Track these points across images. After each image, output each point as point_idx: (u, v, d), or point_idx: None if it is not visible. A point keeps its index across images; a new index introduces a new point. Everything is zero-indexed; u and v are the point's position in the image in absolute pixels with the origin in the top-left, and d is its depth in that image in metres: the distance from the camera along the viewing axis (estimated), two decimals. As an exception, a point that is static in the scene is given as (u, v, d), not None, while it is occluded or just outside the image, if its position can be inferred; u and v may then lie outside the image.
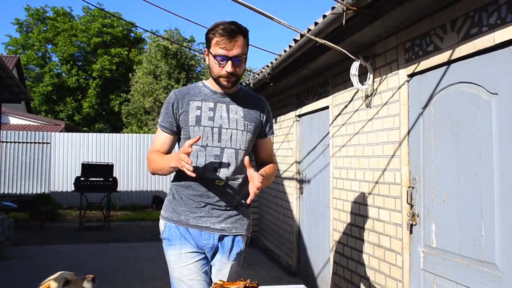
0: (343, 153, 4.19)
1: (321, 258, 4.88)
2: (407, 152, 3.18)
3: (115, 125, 28.72)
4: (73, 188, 10.23)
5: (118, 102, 27.43)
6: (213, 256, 2.23)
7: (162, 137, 2.26)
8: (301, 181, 5.58)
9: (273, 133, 2.42)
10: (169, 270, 2.23)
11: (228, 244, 2.22)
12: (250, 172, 1.98)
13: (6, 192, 13.06)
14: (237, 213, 2.25)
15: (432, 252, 2.90)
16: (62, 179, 13.42)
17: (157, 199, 13.61)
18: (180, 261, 2.16)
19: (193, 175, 1.86)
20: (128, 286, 5.31)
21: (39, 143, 13.51)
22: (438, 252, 2.84)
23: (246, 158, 2.05)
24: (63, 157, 13.54)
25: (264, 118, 2.32)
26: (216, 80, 2.15)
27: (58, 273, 1.84)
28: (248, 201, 2.00)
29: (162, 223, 2.27)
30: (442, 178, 2.82)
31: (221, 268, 2.21)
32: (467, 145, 2.59)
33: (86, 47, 28.82)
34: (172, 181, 2.30)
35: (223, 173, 2.16)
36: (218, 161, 2.16)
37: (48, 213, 10.70)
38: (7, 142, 13.29)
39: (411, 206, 3.10)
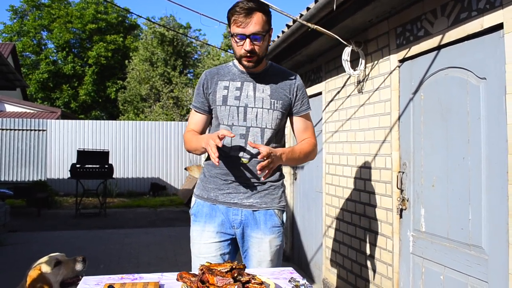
0: (336, 139, 4.21)
1: (314, 243, 4.92)
2: (397, 137, 3.19)
3: (111, 112, 28.66)
4: (69, 175, 10.25)
5: (114, 89, 27.34)
6: (244, 234, 2.21)
7: (195, 117, 2.32)
8: (295, 167, 5.60)
9: (308, 109, 2.33)
10: (190, 245, 2.28)
11: (260, 218, 2.20)
12: (260, 149, 1.97)
13: (2, 179, 13.08)
14: (266, 188, 2.23)
15: (421, 236, 2.93)
16: (58, 166, 13.44)
17: (155, 186, 13.65)
18: (201, 238, 2.21)
19: (217, 162, 1.88)
20: (123, 271, 5.31)
21: (35, 130, 13.50)
22: (427, 236, 2.86)
23: (251, 142, 2.04)
24: (59, 144, 13.54)
25: (294, 95, 2.27)
26: (239, 60, 2.16)
27: (49, 255, 1.85)
28: (262, 178, 2.00)
29: (193, 200, 2.33)
30: (432, 163, 2.84)
31: (259, 244, 2.19)
32: (456, 130, 2.61)
33: (82, 33, 28.62)
34: (205, 161, 2.34)
35: (248, 151, 2.17)
36: (243, 139, 2.17)
37: (45, 200, 10.73)
38: (3, 129, 13.28)
39: (401, 191, 3.12)
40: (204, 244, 2.20)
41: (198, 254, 2.22)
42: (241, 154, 2.17)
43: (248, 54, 2.07)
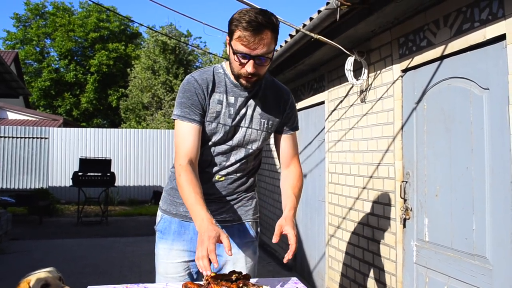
0: (338, 148, 4.21)
1: (317, 252, 4.91)
2: (400, 147, 3.20)
3: (113, 120, 28.74)
4: (71, 183, 10.26)
5: (116, 97, 27.46)
6: (216, 252, 2.02)
7: (194, 133, 1.90)
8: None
9: (296, 128, 2.12)
10: (155, 263, 2.14)
11: (234, 234, 2.06)
12: (288, 235, 1.74)
13: (4, 187, 13.08)
14: (239, 201, 2.10)
15: (425, 246, 2.92)
16: (60, 174, 13.44)
17: (158, 194, 13.64)
18: (169, 257, 2.06)
19: (208, 273, 1.60)
20: (125, 280, 5.33)
21: (37, 138, 13.52)
22: (431, 245, 2.86)
23: (275, 239, 1.72)
24: (61, 152, 13.56)
25: (285, 113, 2.06)
26: (235, 77, 1.90)
27: (44, 270, 1.82)
28: (284, 261, 1.71)
29: (159, 214, 2.16)
30: (435, 173, 2.84)
31: (235, 261, 2.04)
32: (459, 140, 2.62)
33: (84, 42, 28.78)
34: (172, 168, 2.10)
35: (225, 169, 2.02)
36: (225, 157, 2.01)
37: (46, 208, 10.73)
38: (5, 137, 13.31)
39: (405, 200, 3.13)
40: (172, 264, 2.05)
41: (165, 274, 2.06)
42: (216, 170, 2.01)
43: (250, 76, 1.82)
